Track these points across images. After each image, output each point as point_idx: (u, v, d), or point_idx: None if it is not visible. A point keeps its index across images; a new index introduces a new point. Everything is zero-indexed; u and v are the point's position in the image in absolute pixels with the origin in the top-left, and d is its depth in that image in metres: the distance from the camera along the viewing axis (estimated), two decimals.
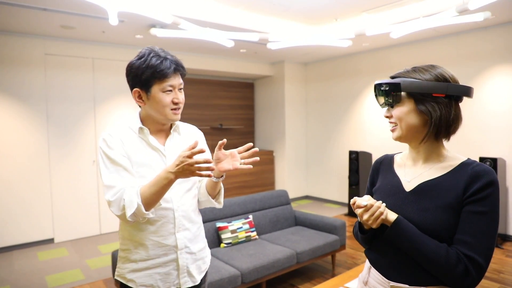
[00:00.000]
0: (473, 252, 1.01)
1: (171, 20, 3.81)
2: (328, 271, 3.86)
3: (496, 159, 4.45)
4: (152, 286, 1.46)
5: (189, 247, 1.52)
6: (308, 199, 7.58)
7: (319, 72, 7.25)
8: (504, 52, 4.67)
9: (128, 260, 1.47)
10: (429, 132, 1.11)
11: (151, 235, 1.44)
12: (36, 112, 4.81)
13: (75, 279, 3.77)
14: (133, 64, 1.40)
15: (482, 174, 1.05)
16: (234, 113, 7.62)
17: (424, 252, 1.04)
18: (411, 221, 1.10)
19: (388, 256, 1.16)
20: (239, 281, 2.95)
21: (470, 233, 1.02)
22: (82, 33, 4.79)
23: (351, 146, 6.59)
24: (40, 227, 4.88)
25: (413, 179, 1.18)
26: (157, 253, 1.45)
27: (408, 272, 1.10)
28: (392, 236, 1.10)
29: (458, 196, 1.06)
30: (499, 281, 3.53)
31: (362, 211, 1.09)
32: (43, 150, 4.87)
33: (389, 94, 1.13)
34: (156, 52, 1.40)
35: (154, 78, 1.37)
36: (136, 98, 1.44)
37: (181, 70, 1.45)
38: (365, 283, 1.25)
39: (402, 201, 1.16)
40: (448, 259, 1.01)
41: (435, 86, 1.08)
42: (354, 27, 5.00)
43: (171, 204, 1.46)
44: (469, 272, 1.00)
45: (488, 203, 1.03)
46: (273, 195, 4.17)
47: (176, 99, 1.43)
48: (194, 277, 1.54)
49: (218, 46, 5.52)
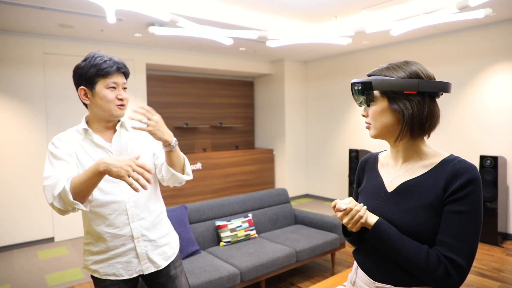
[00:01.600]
0: (453, 253, 0.99)
1: (170, 18, 3.79)
2: (328, 270, 3.85)
3: (496, 157, 4.43)
4: (115, 274, 1.56)
5: (146, 235, 1.59)
6: (308, 197, 7.57)
7: (319, 70, 7.23)
8: (505, 50, 4.65)
9: (90, 252, 1.57)
10: (403, 130, 1.08)
11: (107, 228, 1.52)
12: (35, 111, 4.80)
13: (75, 278, 3.77)
14: (79, 65, 1.51)
15: (462, 172, 1.02)
16: (234, 111, 7.61)
17: (405, 255, 1.02)
18: (393, 222, 1.08)
19: (373, 257, 1.15)
20: (238, 280, 2.95)
21: (451, 234, 1.00)
22: (81, 32, 4.78)
23: (351, 145, 6.57)
24: (40, 226, 4.88)
25: (395, 179, 1.16)
26: (115, 244, 1.54)
27: (393, 272, 1.10)
28: (373, 239, 1.09)
29: (439, 195, 1.04)
30: (499, 280, 3.52)
31: (342, 215, 1.08)
32: (43, 149, 4.86)
33: (363, 93, 1.11)
34: (100, 54, 1.51)
35: (98, 75, 1.47)
36: (82, 96, 1.53)
37: (124, 69, 1.55)
38: (352, 283, 1.26)
39: (384, 202, 1.14)
40: (429, 262, 0.99)
41: (406, 83, 1.05)
42: (354, 24, 4.98)
43: (121, 197, 1.53)
44: (450, 274, 0.98)
45: (469, 202, 1.00)
46: (272, 194, 4.16)
47: (120, 95, 1.52)
48: (156, 262, 1.62)
49: (218, 44, 5.50)
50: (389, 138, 1.15)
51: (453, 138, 5.17)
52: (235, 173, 6.83)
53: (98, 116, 1.55)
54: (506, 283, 3.44)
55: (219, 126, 7.29)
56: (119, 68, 1.51)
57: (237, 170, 6.87)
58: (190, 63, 6.18)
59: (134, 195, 1.56)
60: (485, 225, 4.49)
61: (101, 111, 1.52)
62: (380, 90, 1.08)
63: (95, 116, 1.56)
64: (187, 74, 6.87)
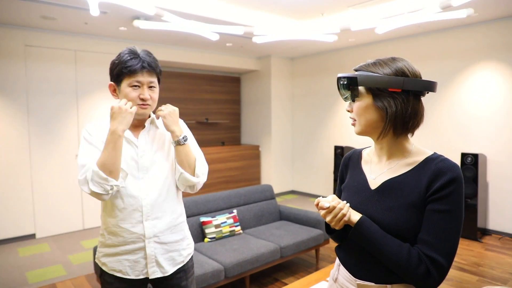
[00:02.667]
0: (434, 252, 0.99)
1: (154, 11, 3.75)
2: (312, 265, 3.88)
3: (477, 154, 4.52)
4: (121, 272, 1.53)
5: (158, 237, 1.54)
6: (294, 193, 7.61)
7: (305, 67, 7.25)
8: (487, 50, 4.74)
9: (103, 244, 1.56)
10: (385, 128, 1.07)
11: (121, 222, 1.50)
12: (16, 105, 4.69)
13: (56, 275, 3.71)
14: (113, 60, 1.52)
15: (445, 171, 1.02)
16: (220, 107, 7.58)
17: (386, 253, 1.02)
18: (375, 220, 1.08)
19: (355, 254, 1.15)
20: (222, 276, 2.95)
21: (432, 233, 1.00)
22: (64, 24, 4.68)
23: (337, 141, 6.63)
24: (21, 222, 4.78)
25: (378, 176, 1.15)
26: (126, 240, 1.51)
27: (374, 270, 1.10)
28: (355, 237, 1.08)
29: (421, 194, 1.03)
30: (478, 274, 3.61)
31: (325, 213, 1.07)
32: (24, 144, 4.76)
33: (348, 88, 1.10)
34: (133, 50, 1.50)
35: (123, 73, 1.46)
36: (111, 91, 1.55)
37: (149, 68, 1.50)
38: (334, 280, 1.26)
39: (367, 199, 1.14)
40: (410, 260, 0.99)
41: (391, 81, 1.04)
42: (339, 22, 5.01)
43: (138, 192, 1.51)
44: (430, 273, 0.98)
45: (450, 201, 1.00)
46: (257, 190, 4.17)
47: (142, 95, 1.49)
48: (164, 268, 1.56)
49: (204, 40, 5.46)
50: (373, 135, 1.14)
51: (435, 136, 5.26)
52: (220, 169, 6.82)
53: None
54: (485, 277, 3.53)
55: (205, 122, 7.25)
56: (144, 67, 1.47)
57: (223, 166, 6.86)
58: (176, 58, 6.12)
59: (153, 192, 1.53)
60: (465, 220, 4.59)
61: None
62: (365, 86, 1.07)
63: None
64: (173, 69, 6.80)
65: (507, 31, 4.54)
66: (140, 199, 1.50)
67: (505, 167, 4.64)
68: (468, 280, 3.47)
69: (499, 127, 4.66)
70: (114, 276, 1.53)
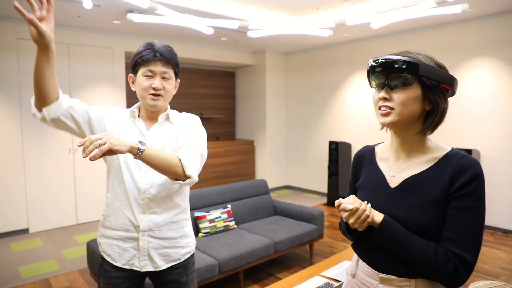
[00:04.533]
0: (461, 250, 0.99)
1: (148, 4, 3.71)
2: (306, 260, 3.89)
3: (470, 150, 4.55)
4: (110, 256, 1.53)
5: (154, 231, 1.52)
6: (288, 189, 7.62)
7: (300, 62, 7.24)
8: (481, 46, 4.75)
9: (102, 224, 1.58)
10: (432, 123, 1.06)
11: (123, 207, 1.51)
12: (8, 99, 4.63)
13: (49, 270, 3.70)
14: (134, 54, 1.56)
15: (467, 167, 1.01)
16: (214, 102, 7.56)
17: (413, 253, 1.01)
18: (397, 219, 1.06)
19: (376, 250, 1.13)
20: (216, 271, 2.95)
21: (457, 231, 1.00)
22: (57, 17, 4.61)
23: (331, 137, 6.63)
24: (14, 217, 4.75)
25: (398, 174, 1.13)
26: (121, 225, 1.51)
27: (397, 264, 1.08)
28: (379, 238, 1.06)
29: (444, 191, 1.03)
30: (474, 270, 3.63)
31: (348, 215, 1.04)
32: (16, 138, 4.71)
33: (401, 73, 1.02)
34: (150, 43, 1.52)
35: (138, 63, 1.50)
36: (131, 83, 1.59)
37: (162, 58, 1.49)
38: (353, 276, 1.24)
39: (388, 198, 1.12)
40: (437, 259, 0.99)
41: (446, 77, 1.03)
42: (335, 17, 4.99)
43: (141, 184, 1.50)
44: (458, 271, 0.98)
45: (474, 198, 1.00)
46: (252, 185, 4.17)
47: (153, 84, 1.48)
48: (156, 262, 1.53)
49: (199, 34, 5.43)
50: (404, 128, 1.09)
51: None
52: (215, 164, 6.81)
53: (141, 103, 1.58)
54: (477, 272, 3.56)
55: (200, 116, 7.18)
56: (157, 56, 1.48)
57: (218, 161, 6.85)
58: None
59: (152, 187, 1.50)
60: None
61: (140, 99, 1.55)
62: (426, 76, 1.01)
63: (140, 103, 1.59)
64: None
65: (502, 26, 4.55)
66: (141, 191, 1.49)
67: (498, 163, 4.67)
68: None
69: (493, 123, 4.68)
70: (112, 265, 1.53)
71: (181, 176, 1.38)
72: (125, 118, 1.58)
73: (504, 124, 4.60)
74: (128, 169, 1.50)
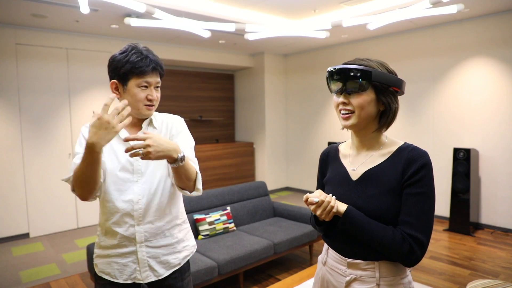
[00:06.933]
0: (415, 231, 1.10)
1: (145, 9, 3.73)
2: (306, 261, 3.90)
3: (469, 149, 4.56)
4: (109, 274, 1.50)
5: (151, 241, 1.50)
6: (288, 190, 7.63)
7: (299, 63, 7.26)
8: (478, 46, 4.77)
9: (97, 245, 1.55)
10: (386, 122, 1.19)
11: (113, 225, 1.48)
12: (7, 104, 4.66)
13: (50, 274, 3.71)
14: (115, 57, 1.46)
15: (416, 158, 1.14)
16: (214, 104, 7.57)
17: (374, 237, 1.13)
18: (359, 208, 1.18)
19: (343, 238, 1.24)
20: (215, 273, 2.96)
21: (411, 214, 1.12)
22: (55, 22, 4.65)
23: (330, 138, 6.65)
24: (15, 221, 4.76)
25: (358, 168, 1.25)
26: (117, 243, 1.49)
27: (362, 249, 1.19)
28: (344, 225, 1.18)
29: (398, 180, 1.15)
30: (470, 268, 3.65)
31: (315, 207, 1.15)
32: (16, 143, 4.73)
33: (356, 80, 1.14)
34: (139, 49, 1.46)
35: (132, 73, 1.43)
36: (113, 89, 1.48)
37: (160, 70, 1.50)
38: (324, 263, 1.35)
39: (350, 190, 1.24)
40: (394, 240, 1.10)
41: (396, 81, 1.17)
42: (331, 18, 5.01)
43: (132, 196, 1.47)
44: (413, 250, 1.09)
45: (423, 184, 1.12)
46: (251, 187, 4.18)
47: (150, 96, 1.47)
48: (157, 271, 1.52)
49: (196, 37, 5.45)
50: (362, 128, 1.22)
51: (428, 131, 5.29)
52: (215, 167, 6.82)
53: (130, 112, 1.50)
54: (477, 271, 3.57)
55: (199, 119, 7.24)
56: (155, 68, 1.46)
57: (217, 163, 6.86)
58: (169, 56, 6.10)
59: (146, 197, 1.48)
60: (458, 215, 4.63)
61: (132, 109, 1.44)
62: (378, 81, 1.14)
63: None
64: (166, 67, 6.75)
65: (498, 26, 4.57)
66: (133, 203, 1.47)
67: (497, 162, 4.68)
68: (460, 274, 3.51)
69: (491, 122, 4.69)
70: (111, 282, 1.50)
71: (191, 187, 1.43)
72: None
73: (502, 123, 4.61)
74: (116, 183, 1.47)
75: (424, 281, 3.38)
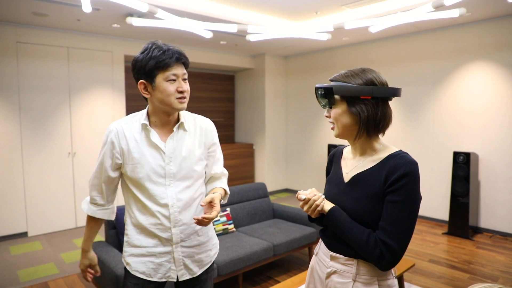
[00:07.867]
0: (388, 238, 1.14)
1: (147, 8, 3.73)
2: (305, 263, 3.89)
3: (469, 153, 4.56)
4: (144, 273, 1.54)
5: (186, 241, 1.55)
6: (288, 192, 7.62)
7: (299, 65, 7.26)
8: (480, 50, 4.77)
9: (128, 244, 1.57)
10: (360, 130, 1.24)
11: (151, 226, 1.51)
12: (7, 102, 4.64)
13: (48, 273, 3.69)
14: (137, 58, 1.46)
15: (400, 166, 1.17)
16: (214, 105, 7.57)
17: (351, 238, 1.20)
18: (346, 209, 1.26)
19: (330, 233, 1.33)
20: (215, 274, 2.95)
21: (387, 221, 1.16)
22: (56, 21, 4.64)
23: (330, 140, 6.64)
24: (13, 220, 4.74)
25: (350, 171, 1.32)
26: (154, 242, 1.53)
27: (345, 245, 1.27)
28: (328, 223, 1.28)
29: (381, 186, 1.20)
30: (469, 272, 3.64)
31: (302, 204, 1.28)
32: (16, 141, 4.72)
33: (325, 97, 1.26)
34: (158, 44, 1.46)
35: (157, 68, 1.42)
36: (142, 90, 1.48)
37: (183, 59, 1.49)
38: (316, 254, 1.45)
39: (341, 191, 1.32)
40: (368, 244, 1.16)
41: (362, 90, 1.20)
42: (333, 20, 5.01)
43: (166, 200, 1.50)
44: (383, 255, 1.14)
45: (403, 193, 1.15)
46: (251, 188, 4.17)
47: (180, 87, 1.46)
48: (192, 270, 1.59)
49: (198, 37, 5.44)
50: (349, 137, 1.29)
51: (428, 134, 5.29)
52: None
53: (159, 109, 1.49)
54: (476, 275, 3.56)
55: None
56: (178, 58, 1.45)
57: None
58: None
59: (180, 200, 1.52)
60: (457, 219, 4.63)
61: (162, 105, 1.46)
62: (340, 95, 1.23)
63: (155, 109, 1.51)
64: None
65: (500, 31, 4.58)
66: (168, 207, 1.50)
67: (497, 166, 4.68)
68: (459, 278, 3.50)
69: (491, 127, 4.70)
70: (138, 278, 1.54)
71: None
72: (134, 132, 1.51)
73: (502, 127, 4.61)
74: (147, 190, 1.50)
75: (423, 284, 3.37)
